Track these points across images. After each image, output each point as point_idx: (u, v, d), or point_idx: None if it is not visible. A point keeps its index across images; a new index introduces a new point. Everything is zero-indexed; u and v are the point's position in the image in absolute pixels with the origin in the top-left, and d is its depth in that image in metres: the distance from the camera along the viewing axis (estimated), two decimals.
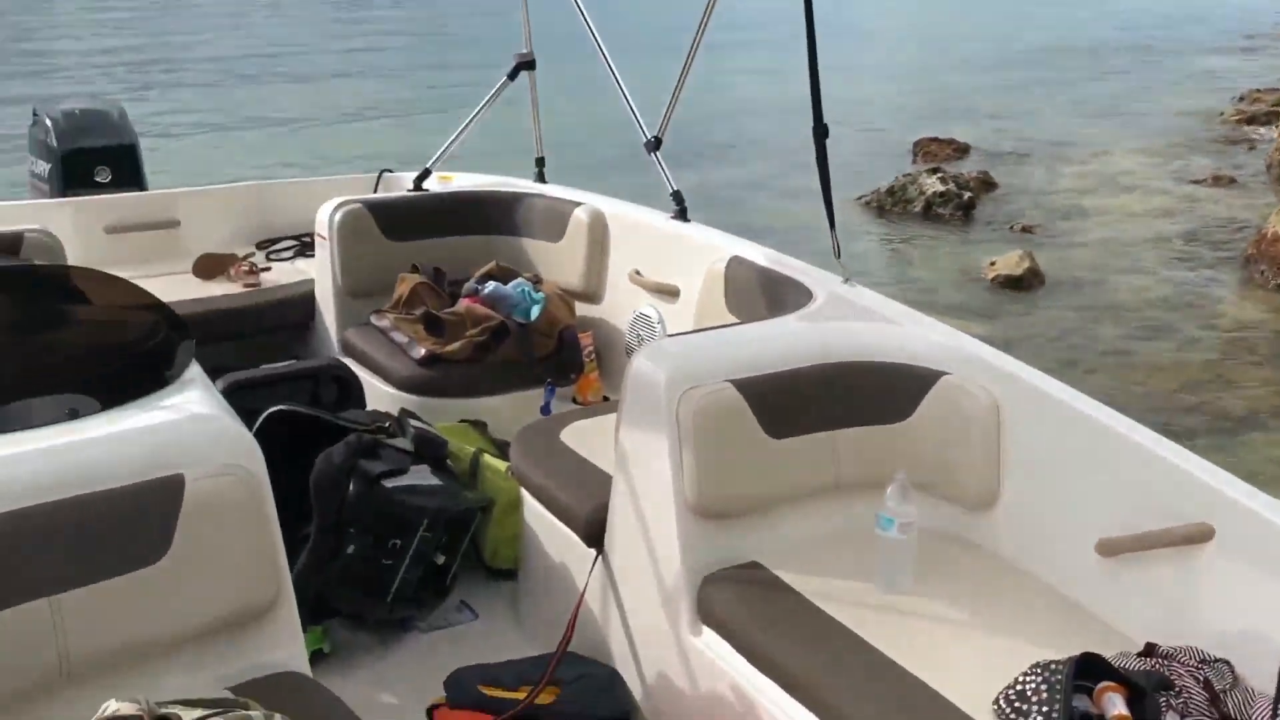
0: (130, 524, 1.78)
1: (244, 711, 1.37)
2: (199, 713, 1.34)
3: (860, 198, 9.15)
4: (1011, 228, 8.44)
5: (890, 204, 9.01)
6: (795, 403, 2.31)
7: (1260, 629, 1.83)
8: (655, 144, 3.46)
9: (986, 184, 9.59)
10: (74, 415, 1.91)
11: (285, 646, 1.94)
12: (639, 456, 2.29)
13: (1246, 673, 1.84)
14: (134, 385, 2.01)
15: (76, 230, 3.87)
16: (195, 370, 2.13)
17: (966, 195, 8.97)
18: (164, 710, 1.35)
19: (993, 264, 7.27)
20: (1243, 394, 5.31)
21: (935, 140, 11.29)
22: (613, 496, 2.38)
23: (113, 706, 1.34)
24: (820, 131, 2.70)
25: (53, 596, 1.69)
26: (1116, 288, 7.02)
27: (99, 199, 4.15)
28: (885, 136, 11.71)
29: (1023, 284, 7.01)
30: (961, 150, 11.18)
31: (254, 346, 3.57)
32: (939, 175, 9.26)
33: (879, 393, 2.37)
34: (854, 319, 2.53)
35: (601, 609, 2.45)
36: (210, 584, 1.82)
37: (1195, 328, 6.26)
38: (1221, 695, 1.78)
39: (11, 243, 3.09)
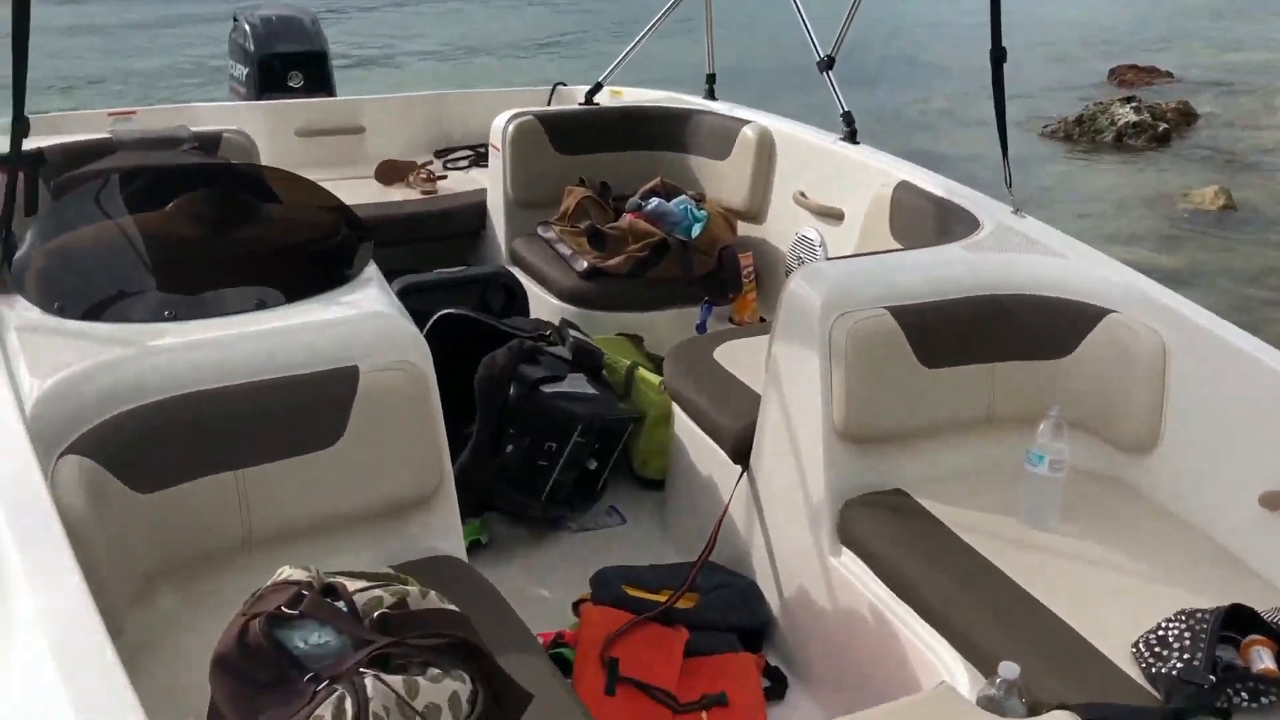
0: (309, 409, 1.92)
1: (402, 585, 1.48)
2: (362, 583, 1.46)
3: (1047, 126, 8.75)
4: (1227, 160, 7.92)
5: (1078, 134, 8.59)
6: (953, 333, 2.28)
7: None
8: (828, 63, 3.40)
9: (1186, 115, 9.02)
10: (261, 306, 2.06)
11: (444, 533, 2.06)
12: (790, 378, 2.32)
13: None
14: (317, 281, 2.15)
15: (270, 132, 4.08)
16: (373, 270, 2.26)
17: (1162, 127, 8.47)
18: (331, 579, 1.47)
19: (1185, 197, 6.87)
20: None
21: (1134, 68, 10.66)
22: (761, 416, 2.41)
23: (286, 572, 1.47)
24: (997, 56, 2.61)
25: (239, 470, 1.85)
26: None
27: (291, 103, 4.36)
28: (1080, 63, 11.10)
29: (1217, 221, 6.62)
30: (1163, 78, 10.52)
31: (428, 251, 3.73)
32: (1133, 104, 8.76)
33: (1041, 327, 2.31)
34: (1021, 251, 2.47)
35: (744, 523, 2.51)
36: (378, 470, 1.96)
37: None
38: None
39: (211, 142, 3.29)
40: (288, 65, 4.61)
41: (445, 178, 4.21)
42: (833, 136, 3.40)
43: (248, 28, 4.66)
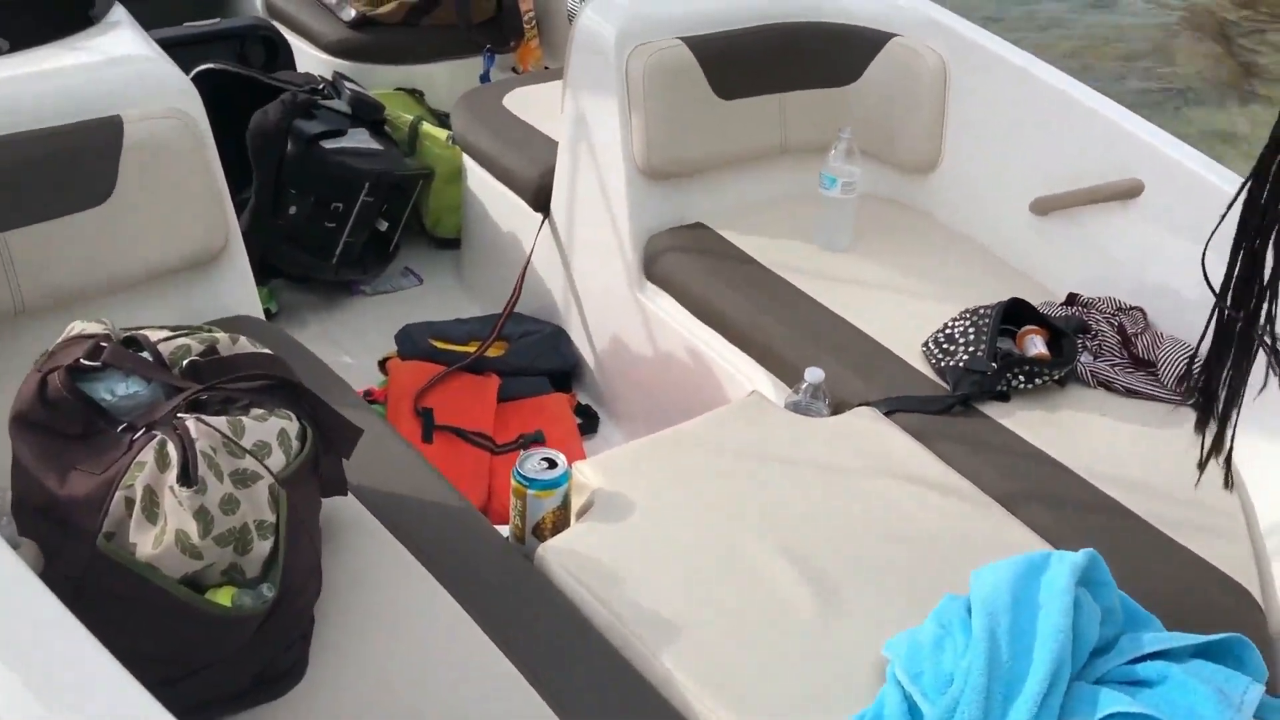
0: (70, 164, 1.74)
1: (209, 333, 1.40)
2: (165, 333, 1.37)
3: None
4: None
5: None
6: (745, 63, 2.28)
7: (1173, 279, 1.95)
8: None
9: None
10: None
11: (239, 293, 1.96)
12: (587, 116, 2.27)
13: (1157, 319, 1.97)
14: (57, 23, 1.91)
15: None
16: (121, 13, 2.03)
17: None
18: (129, 333, 1.37)
19: None
20: (1174, 72, 5.33)
21: None
22: (559, 158, 2.37)
23: (79, 326, 1.36)
24: None
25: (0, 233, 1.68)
26: None
27: None
28: None
29: None
30: None
31: (169, 6, 3.36)
32: None
33: (829, 54, 2.34)
34: None
35: (547, 271, 2.50)
36: (157, 227, 1.81)
37: (1141, 4, 6.17)
38: (1133, 338, 1.90)
39: None
40: None
41: None
42: None
43: None
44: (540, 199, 2.45)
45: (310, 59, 3.14)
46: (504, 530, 1.59)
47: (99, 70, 1.83)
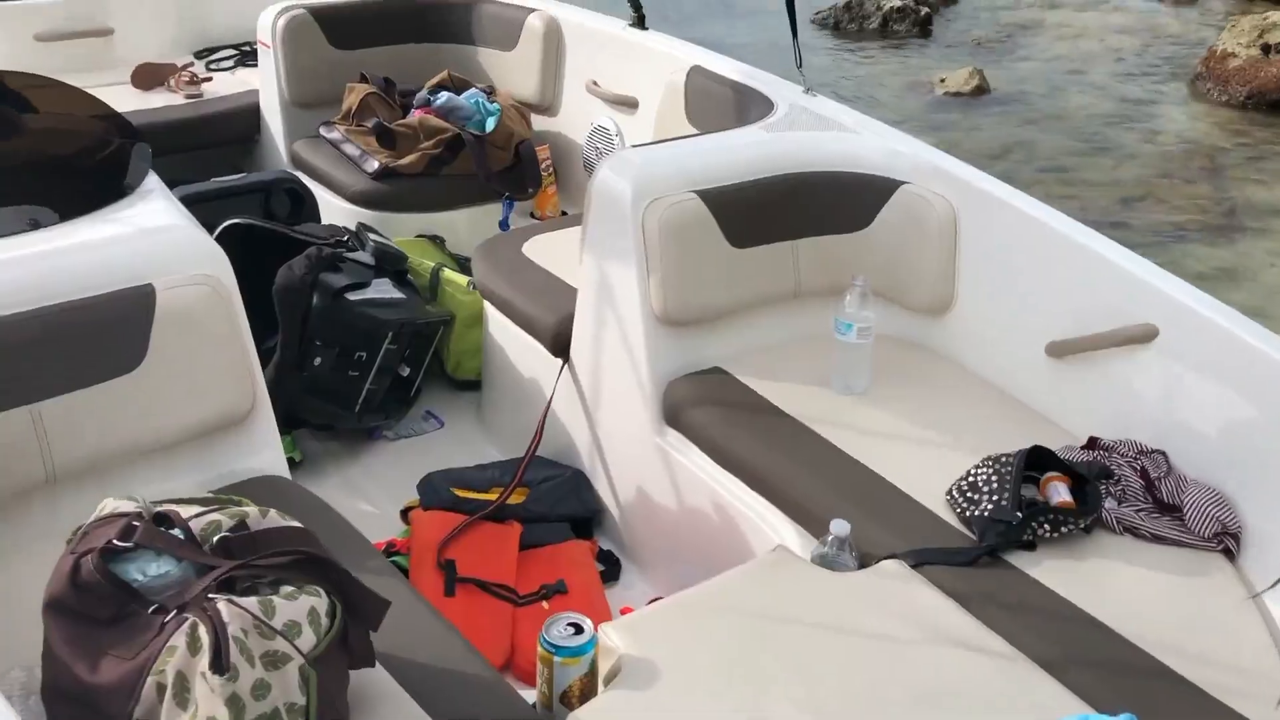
0: (103, 334, 1.78)
1: (239, 507, 1.41)
2: (196, 509, 1.38)
3: (818, 13, 8.93)
4: (976, 43, 8.31)
5: (846, 20, 8.79)
6: (758, 213, 2.34)
7: (1194, 422, 1.95)
8: None
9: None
10: (35, 226, 1.88)
11: (264, 452, 1.98)
12: (604, 267, 2.32)
13: (1180, 462, 1.97)
14: (94, 195, 1.98)
15: (4, 39, 3.68)
16: (154, 180, 2.10)
17: (924, 11, 8.78)
18: (161, 508, 1.39)
19: (942, 80, 7.22)
20: (1172, 209, 5.43)
21: None
22: (579, 306, 2.41)
23: (111, 505, 1.38)
24: None
25: (33, 405, 1.71)
26: (1063, 103, 7.01)
27: (25, 4, 3.93)
28: None
29: (971, 99, 6.99)
30: None
31: (198, 161, 3.48)
32: None
33: (839, 202, 2.40)
34: (815, 129, 2.54)
35: (567, 415, 2.52)
36: (187, 391, 1.85)
37: (1135, 142, 6.31)
38: (1156, 482, 1.90)
39: None
40: None
41: (210, 80, 3.92)
42: (621, 23, 3.36)
43: None
44: (560, 344, 2.48)
45: (335, 209, 3.22)
46: (530, 695, 1.58)
47: (133, 241, 1.89)
